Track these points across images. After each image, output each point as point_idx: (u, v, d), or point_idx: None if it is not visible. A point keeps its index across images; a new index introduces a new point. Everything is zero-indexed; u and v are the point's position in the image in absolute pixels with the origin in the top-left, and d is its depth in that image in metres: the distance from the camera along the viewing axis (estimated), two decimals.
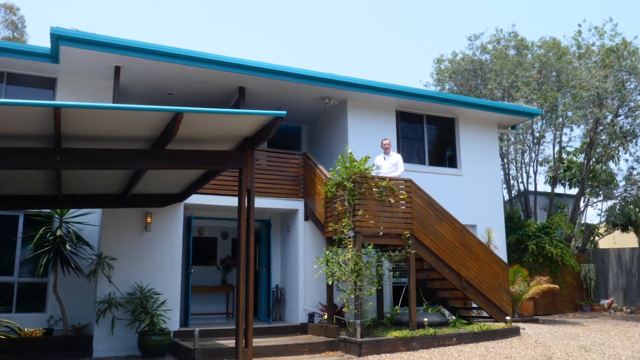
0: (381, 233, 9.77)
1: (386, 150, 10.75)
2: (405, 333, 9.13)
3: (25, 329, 9.25)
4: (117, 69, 10.47)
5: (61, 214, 9.82)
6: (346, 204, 9.60)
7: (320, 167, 11.00)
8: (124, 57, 10.16)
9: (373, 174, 10.27)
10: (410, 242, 9.76)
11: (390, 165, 10.58)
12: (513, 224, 15.33)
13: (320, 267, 9.86)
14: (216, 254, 14.34)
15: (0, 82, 10.56)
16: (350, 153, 9.75)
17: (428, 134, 13.75)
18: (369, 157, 9.77)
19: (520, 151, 20.07)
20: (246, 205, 6.70)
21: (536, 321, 12.90)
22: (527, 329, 10.87)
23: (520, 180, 20.33)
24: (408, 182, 10.04)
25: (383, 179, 9.78)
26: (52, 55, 10.11)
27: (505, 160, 19.94)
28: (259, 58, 11.36)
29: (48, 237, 9.58)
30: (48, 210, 9.97)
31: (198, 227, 14.00)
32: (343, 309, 9.58)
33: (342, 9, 54.05)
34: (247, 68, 11.08)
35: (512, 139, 19.88)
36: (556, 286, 13.36)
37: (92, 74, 10.78)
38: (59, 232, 9.61)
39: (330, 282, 9.55)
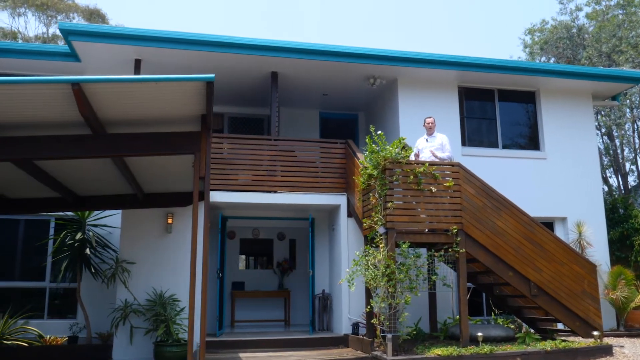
0: (427, 230, 8.14)
1: (429, 130, 9.02)
2: (451, 350, 7.43)
3: (47, 337, 8.90)
4: (138, 62, 9.96)
5: (82, 217, 9.42)
6: (377, 195, 8.10)
7: (359, 155, 9.56)
8: (143, 49, 9.67)
9: (417, 158, 8.69)
10: (458, 239, 8.01)
11: (434, 148, 8.87)
12: (618, 216, 12.61)
13: (352, 269, 8.45)
14: (272, 257, 13.43)
15: None
16: (380, 134, 8.22)
17: (501, 112, 11.69)
18: (403, 139, 8.19)
19: (636, 128, 16.81)
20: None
21: None
22: (627, 346, 8.57)
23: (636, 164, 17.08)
24: (455, 167, 8.28)
25: (422, 164, 8.14)
26: (72, 54, 9.80)
27: (617, 140, 16.83)
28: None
29: (67, 242, 9.19)
30: (71, 214, 9.63)
31: (252, 227, 13.20)
32: (372, 320, 8.10)
33: None
34: (278, 49, 10.08)
35: (628, 115, 16.70)
36: None
37: (116, 70, 10.35)
38: (78, 236, 9.20)
39: (352, 289, 8.15)
